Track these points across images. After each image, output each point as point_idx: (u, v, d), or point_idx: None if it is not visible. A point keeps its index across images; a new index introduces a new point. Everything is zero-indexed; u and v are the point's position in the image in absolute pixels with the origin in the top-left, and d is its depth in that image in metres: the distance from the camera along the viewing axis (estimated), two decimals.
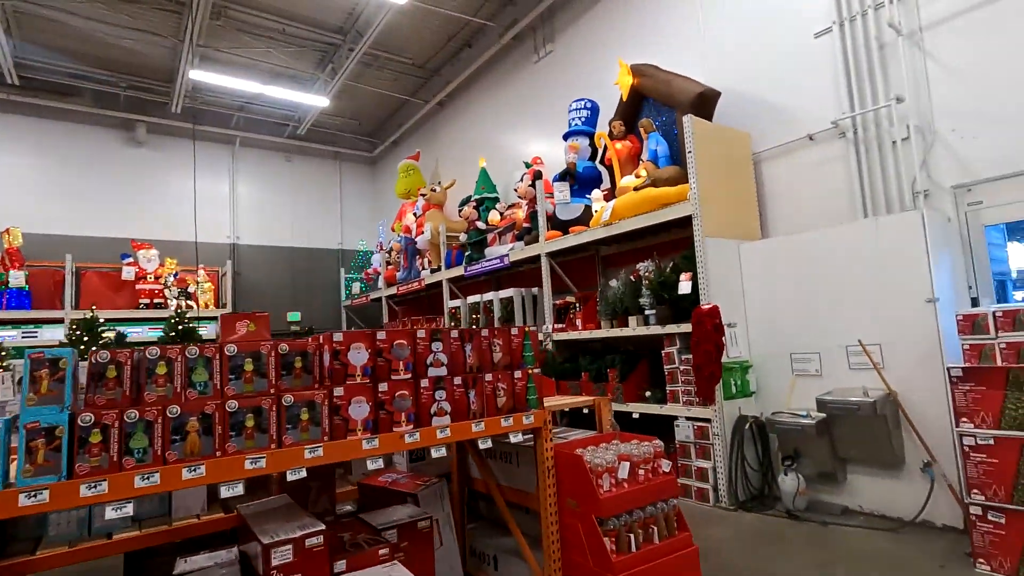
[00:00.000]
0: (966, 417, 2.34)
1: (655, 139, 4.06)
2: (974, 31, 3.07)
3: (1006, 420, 2.24)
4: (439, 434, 1.86)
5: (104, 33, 6.43)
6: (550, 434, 2.14)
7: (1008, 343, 2.30)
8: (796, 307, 3.43)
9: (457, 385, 1.96)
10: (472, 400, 1.98)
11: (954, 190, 3.14)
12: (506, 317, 5.34)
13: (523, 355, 2.16)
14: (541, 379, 2.17)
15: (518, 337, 2.15)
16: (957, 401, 2.37)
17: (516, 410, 2.09)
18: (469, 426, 1.94)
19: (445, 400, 1.91)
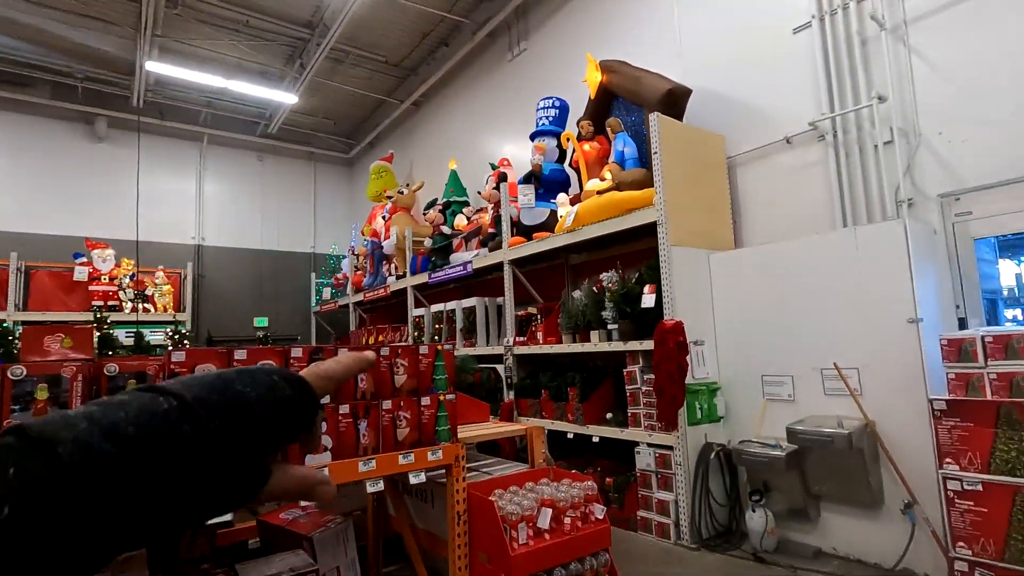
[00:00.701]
0: (951, 458, 2.03)
1: (622, 139, 3.77)
2: (963, 25, 2.79)
3: (996, 463, 1.93)
4: None
5: (57, 21, 6.10)
6: (463, 472, 1.81)
7: (999, 373, 1.99)
8: (768, 324, 3.13)
9: (343, 415, 1.63)
10: (363, 433, 1.65)
11: (940, 199, 2.85)
12: (468, 328, 5.00)
13: (433, 378, 1.83)
14: (456, 406, 1.85)
15: (428, 357, 1.83)
16: (940, 438, 2.06)
17: (421, 444, 1.76)
18: (356, 465, 1.61)
19: (324, 433, 1.58)
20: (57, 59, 6.93)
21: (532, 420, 4.12)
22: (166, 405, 0.36)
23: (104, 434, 0.32)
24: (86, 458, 0.31)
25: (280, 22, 6.53)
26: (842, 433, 2.54)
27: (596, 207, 3.67)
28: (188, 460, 0.35)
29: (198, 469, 0.35)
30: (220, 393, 0.38)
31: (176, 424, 0.35)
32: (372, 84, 7.96)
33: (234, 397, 0.39)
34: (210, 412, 0.37)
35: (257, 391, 0.40)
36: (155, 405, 0.35)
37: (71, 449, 0.31)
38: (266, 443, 0.40)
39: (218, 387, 0.39)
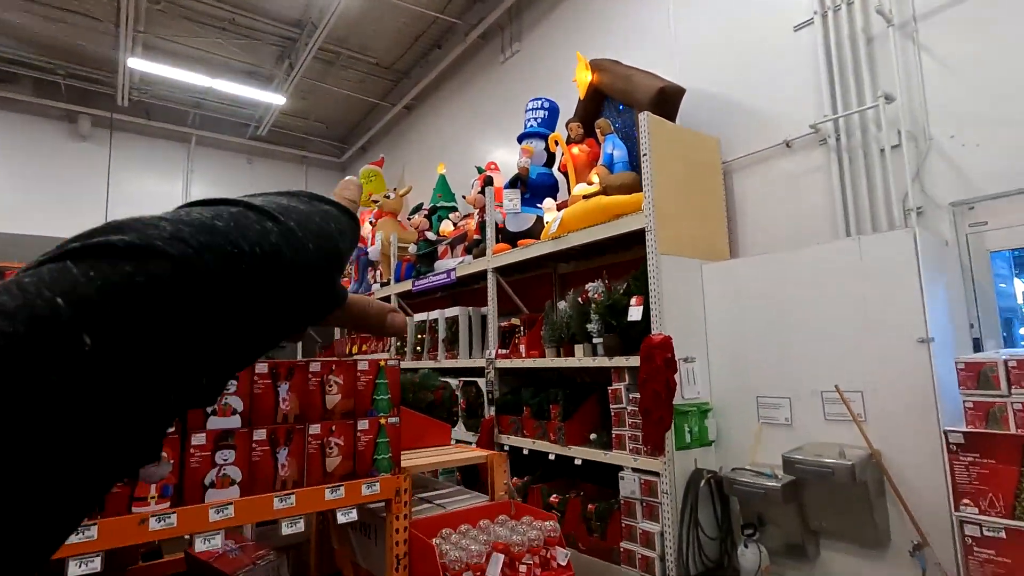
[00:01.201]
0: (968, 499, 1.77)
1: (611, 141, 3.54)
2: (978, 21, 2.57)
3: (1022, 507, 1.68)
4: (214, 515, 1.28)
5: (39, 15, 5.94)
6: (404, 508, 1.56)
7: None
8: (764, 341, 2.88)
9: (259, 442, 1.39)
10: (282, 463, 1.41)
11: (953, 208, 2.61)
12: (451, 339, 4.76)
13: (373, 399, 1.59)
14: (399, 430, 1.60)
15: (368, 374, 1.59)
16: (957, 476, 1.81)
17: (356, 475, 1.52)
18: (270, 501, 1.36)
19: (232, 464, 1.34)
20: (39, 55, 6.76)
21: (513, 439, 3.87)
22: (235, 208, 0.32)
23: (207, 231, 0.29)
24: (215, 256, 0.28)
25: (268, 20, 6.36)
26: (844, 464, 2.29)
27: (582, 212, 3.44)
28: (288, 255, 0.32)
29: (297, 267, 0.33)
30: (277, 204, 0.35)
31: (260, 221, 0.32)
32: (365, 87, 7.79)
33: (292, 205, 0.36)
34: (282, 213, 0.34)
35: (304, 205, 0.37)
36: (224, 209, 0.32)
37: (187, 248, 0.27)
38: (336, 249, 0.37)
39: (272, 200, 0.36)
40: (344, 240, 0.39)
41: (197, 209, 0.31)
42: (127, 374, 0.24)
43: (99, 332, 0.23)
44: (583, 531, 3.27)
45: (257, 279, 0.30)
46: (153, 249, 0.27)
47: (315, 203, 0.39)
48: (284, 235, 0.33)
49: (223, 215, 0.31)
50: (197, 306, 0.27)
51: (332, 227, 0.38)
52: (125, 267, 0.25)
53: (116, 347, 0.24)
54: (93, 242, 0.27)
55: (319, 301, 0.36)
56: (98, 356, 0.23)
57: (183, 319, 0.27)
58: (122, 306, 0.24)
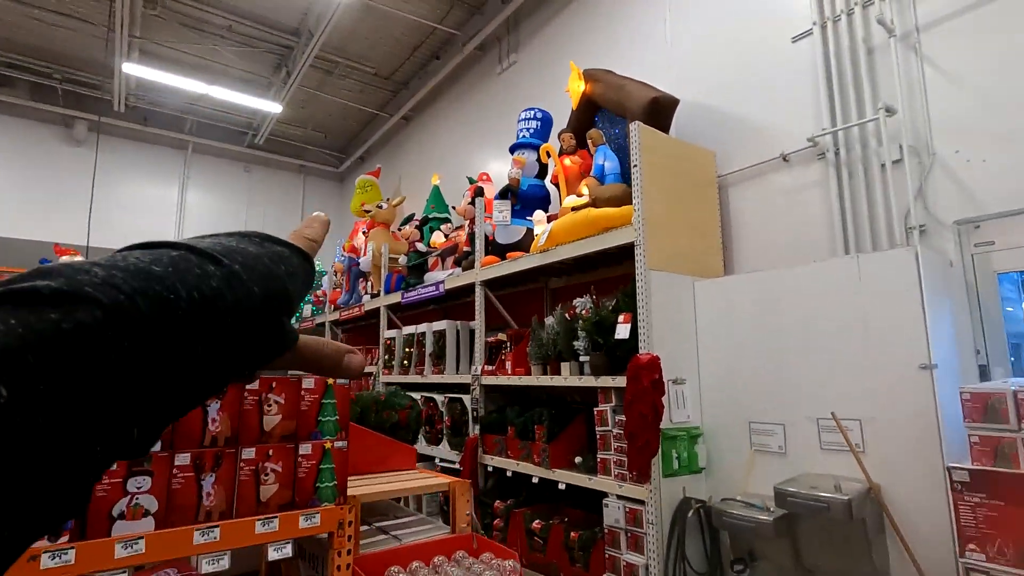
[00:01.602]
0: (975, 543, 1.61)
1: (603, 153, 3.43)
2: (983, 32, 2.45)
3: None
4: (120, 551, 1.14)
5: (36, 19, 5.92)
6: (348, 543, 1.41)
7: None
8: (758, 363, 2.73)
9: (181, 467, 1.25)
10: (206, 491, 1.26)
11: (957, 226, 2.47)
12: (438, 353, 4.62)
13: (318, 420, 1.45)
14: (347, 455, 1.46)
15: (313, 392, 1.45)
16: (962, 518, 1.65)
17: (295, 505, 1.37)
18: (190, 535, 1.22)
19: (147, 493, 1.20)
20: (36, 59, 6.74)
21: (497, 459, 3.71)
22: (175, 252, 0.32)
23: (142, 276, 0.28)
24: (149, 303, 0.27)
25: (266, 28, 6.33)
26: (840, 499, 2.12)
27: (571, 225, 3.32)
28: (230, 300, 0.31)
29: (238, 312, 0.32)
30: (223, 246, 0.35)
31: (200, 264, 0.31)
32: (364, 97, 7.75)
33: (240, 247, 0.36)
34: (226, 256, 0.33)
35: (254, 247, 0.37)
36: (163, 253, 0.31)
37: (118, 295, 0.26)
38: (285, 292, 0.36)
39: (220, 242, 0.36)
40: (294, 282, 0.38)
41: (136, 253, 0.31)
42: (47, 428, 0.23)
43: (18, 384, 0.22)
44: (565, 560, 3.10)
45: (195, 325, 0.29)
46: (81, 295, 0.25)
47: (267, 244, 0.39)
48: (226, 279, 0.32)
49: (162, 259, 0.30)
50: (128, 354, 0.26)
51: (282, 269, 0.37)
52: (50, 314, 0.24)
53: (36, 400, 0.23)
54: (17, 287, 0.25)
55: (265, 345, 0.35)
56: (15, 409, 0.22)
57: (113, 368, 0.26)
58: (45, 355, 0.23)
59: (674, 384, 2.85)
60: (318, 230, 0.47)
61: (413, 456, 2.02)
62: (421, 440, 4.67)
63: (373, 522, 1.80)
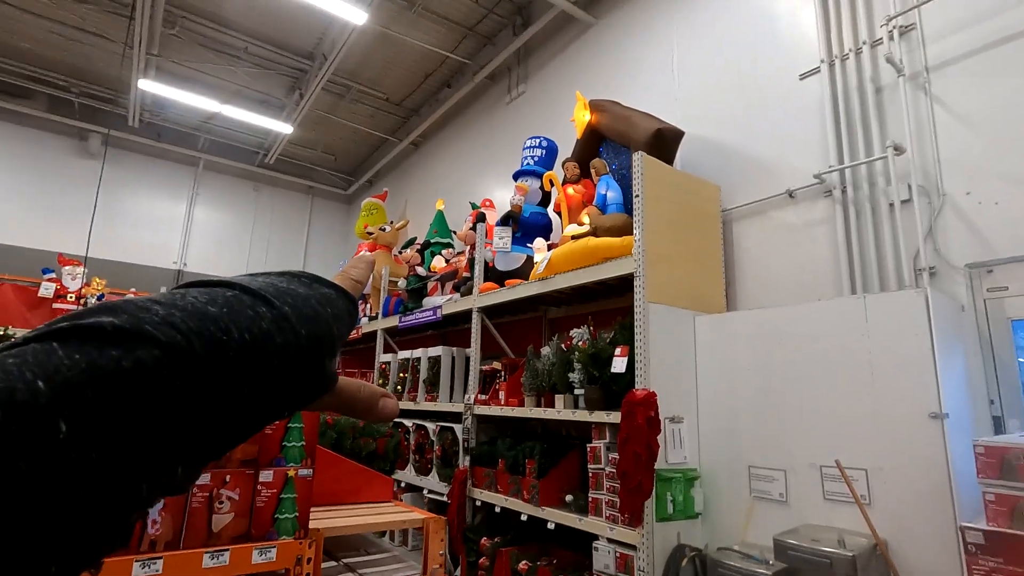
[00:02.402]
0: None
1: (606, 182, 3.39)
2: (994, 73, 2.41)
3: None
4: None
5: (57, 34, 6.06)
6: None
7: None
8: (760, 404, 2.61)
9: None
10: (153, 519, 1.17)
11: (969, 270, 2.38)
12: (432, 380, 4.51)
13: (282, 445, 1.36)
14: (311, 484, 1.36)
15: None
16: None
17: (250, 537, 1.27)
18: (129, 566, 1.12)
19: None
20: (56, 73, 6.88)
21: (486, 494, 3.57)
22: (230, 292, 0.32)
23: (198, 316, 0.29)
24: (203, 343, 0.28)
25: (281, 51, 6.44)
26: (844, 556, 1.98)
27: (570, 254, 3.25)
28: (279, 341, 0.32)
29: (286, 354, 0.32)
30: (275, 287, 0.35)
31: (254, 306, 0.32)
32: (375, 122, 7.83)
33: (290, 289, 0.36)
34: (277, 298, 0.34)
35: (303, 289, 0.37)
36: (219, 292, 0.32)
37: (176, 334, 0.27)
38: (330, 335, 0.37)
39: (271, 282, 0.36)
40: (340, 324, 0.38)
41: (194, 292, 0.32)
42: (100, 464, 0.24)
43: (77, 419, 0.23)
44: None
45: (244, 366, 0.30)
46: (142, 334, 0.26)
47: (315, 286, 0.39)
48: (276, 321, 0.33)
49: (217, 299, 0.31)
50: (181, 394, 0.27)
51: (328, 312, 0.37)
52: (112, 351, 0.25)
53: (92, 435, 0.24)
54: (82, 323, 0.26)
55: (307, 386, 0.36)
56: (72, 444, 0.23)
57: (166, 407, 0.26)
58: (105, 392, 0.24)
59: (671, 422, 2.73)
60: (363, 271, 0.48)
61: (390, 487, 1.91)
62: (410, 469, 4.53)
63: (341, 557, 1.69)
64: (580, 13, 4.82)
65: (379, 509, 1.71)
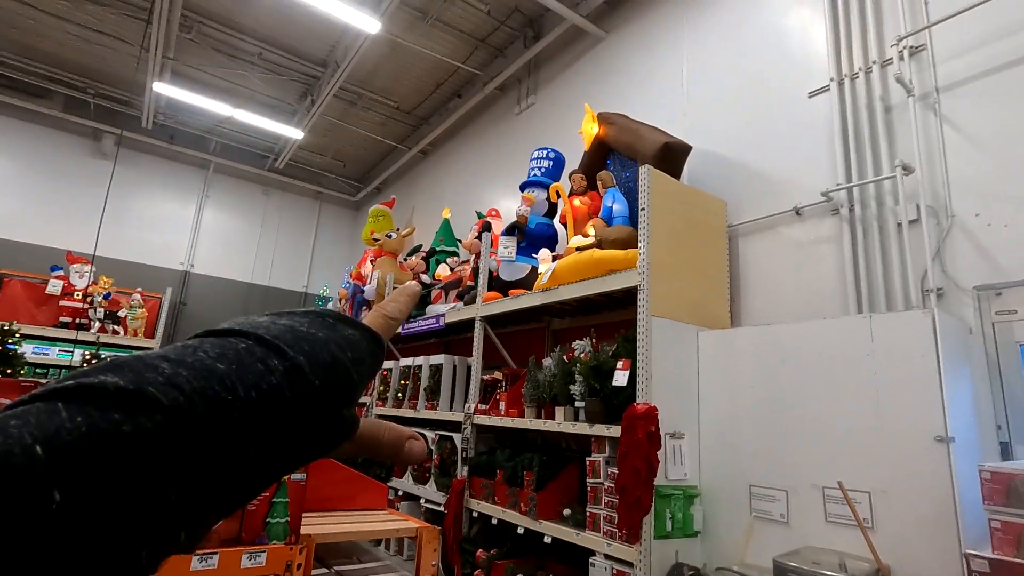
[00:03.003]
0: None
1: (612, 195, 3.39)
2: (1006, 95, 2.40)
3: None
4: None
5: (74, 35, 6.16)
6: None
7: None
8: (761, 422, 2.58)
9: None
10: None
11: (977, 292, 2.35)
12: (433, 388, 4.50)
13: None
14: (303, 489, 1.35)
15: None
16: None
17: (240, 541, 1.25)
18: None
19: None
20: (73, 73, 6.99)
21: (483, 505, 3.53)
22: (243, 344, 0.32)
23: (204, 375, 0.29)
24: (206, 404, 0.28)
25: (295, 58, 6.52)
26: None
27: (574, 265, 3.24)
28: (290, 395, 0.31)
29: (298, 407, 0.32)
30: (294, 333, 0.34)
31: (265, 359, 0.32)
32: (385, 130, 7.89)
33: (308, 334, 0.35)
34: (292, 346, 0.33)
35: (324, 332, 0.36)
36: (231, 344, 0.32)
37: (179, 396, 0.27)
38: (348, 381, 0.36)
39: (292, 327, 0.35)
40: (359, 369, 0.37)
41: (207, 344, 0.31)
42: (94, 533, 0.23)
43: (72, 487, 0.22)
44: None
45: (250, 424, 0.29)
46: (144, 396, 0.26)
47: (339, 327, 0.38)
48: (288, 373, 0.32)
49: (228, 354, 0.31)
50: (183, 458, 0.26)
51: (347, 356, 0.36)
52: (114, 415, 0.25)
53: (88, 503, 0.23)
54: (86, 383, 0.26)
55: (322, 437, 0.35)
56: (65, 513, 0.22)
57: (167, 473, 0.26)
58: (103, 458, 0.23)
59: (672, 438, 2.70)
60: (403, 305, 0.46)
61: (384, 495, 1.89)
62: (408, 478, 4.50)
63: (333, 565, 1.67)
64: (591, 27, 4.85)
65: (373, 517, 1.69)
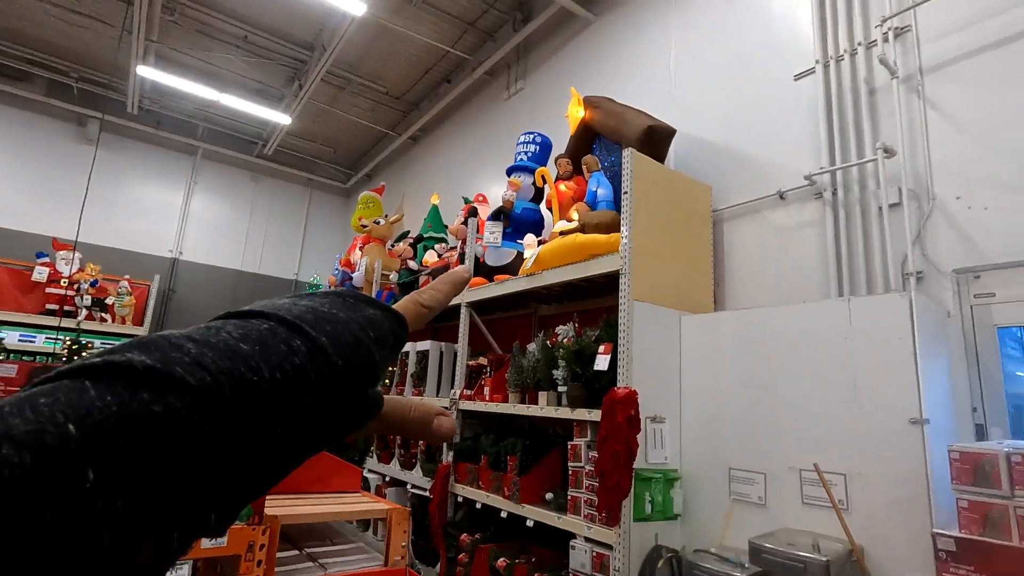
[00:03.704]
0: None
1: (597, 179, 3.36)
2: (989, 77, 2.38)
3: None
4: None
5: (55, 17, 6.04)
6: (258, 569, 1.27)
7: None
8: (741, 405, 2.58)
9: None
10: None
11: (956, 275, 2.35)
12: (419, 374, 4.49)
13: None
14: None
15: None
16: None
17: None
18: None
19: None
20: (55, 57, 6.87)
21: (468, 490, 3.54)
22: (265, 326, 0.32)
23: (229, 355, 0.28)
24: (233, 385, 0.27)
25: (281, 41, 6.42)
26: (817, 560, 1.95)
27: (558, 249, 3.23)
28: (313, 376, 0.31)
29: (322, 387, 0.31)
30: (315, 313, 0.34)
31: (288, 339, 0.31)
32: (375, 116, 7.81)
33: (330, 314, 0.35)
34: (314, 327, 0.33)
35: (345, 312, 0.36)
36: (254, 325, 0.31)
37: (206, 376, 0.27)
38: (370, 362, 0.35)
39: (313, 307, 0.35)
40: (382, 349, 0.37)
41: (230, 326, 0.31)
42: (127, 513, 0.23)
43: (105, 466, 0.22)
44: None
45: (276, 405, 0.29)
46: (172, 377, 0.26)
47: (360, 308, 0.38)
48: (311, 354, 0.32)
49: (251, 335, 0.30)
50: (212, 439, 0.26)
51: (369, 336, 0.36)
52: (143, 394, 0.25)
53: (120, 483, 0.23)
54: (114, 360, 0.26)
55: (347, 417, 0.35)
56: (99, 493, 0.22)
57: (196, 454, 0.26)
58: (135, 438, 0.23)
59: (652, 422, 2.70)
60: (442, 294, 0.45)
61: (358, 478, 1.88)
62: (395, 464, 4.51)
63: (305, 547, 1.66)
64: (580, 10, 4.79)
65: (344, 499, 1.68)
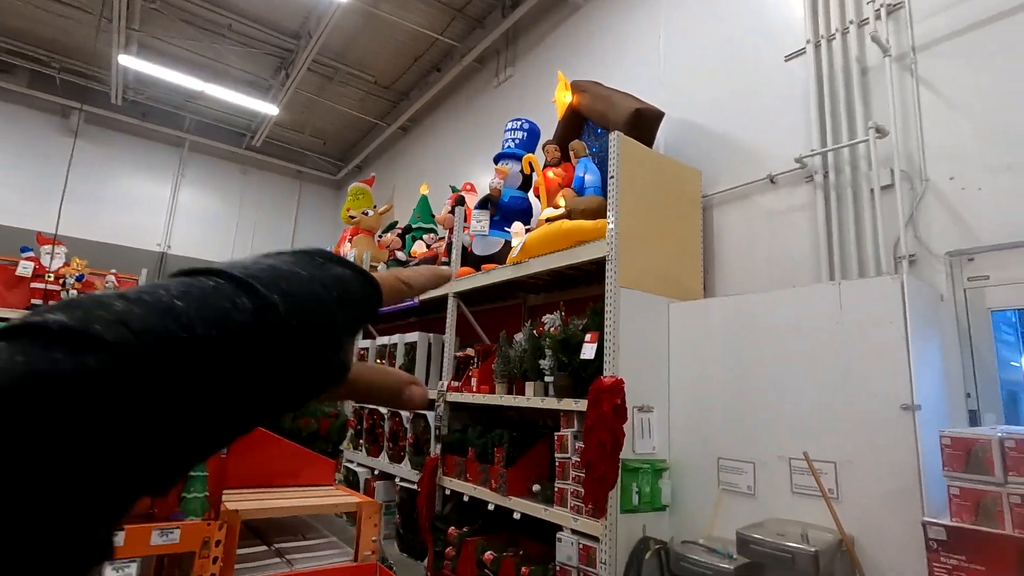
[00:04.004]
0: None
1: (584, 165, 3.29)
2: (983, 54, 2.31)
3: None
4: None
5: (34, 5, 5.91)
6: (213, 566, 1.21)
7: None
8: (731, 394, 2.52)
9: None
10: None
11: (949, 258, 2.29)
12: (408, 366, 4.43)
13: None
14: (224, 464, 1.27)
15: None
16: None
17: (152, 517, 1.18)
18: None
19: None
20: (36, 47, 6.73)
21: (456, 482, 3.49)
22: (211, 283, 0.29)
23: (159, 312, 0.26)
24: (157, 342, 0.25)
25: (267, 30, 6.30)
26: (806, 551, 1.90)
27: (545, 236, 3.15)
28: (259, 334, 0.29)
29: (269, 347, 0.29)
30: (273, 271, 0.32)
31: (234, 297, 0.29)
32: (365, 106, 7.70)
33: (291, 272, 0.32)
34: (268, 285, 0.30)
35: (308, 270, 0.33)
36: (199, 283, 0.29)
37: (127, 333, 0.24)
38: (331, 323, 0.33)
39: (272, 265, 0.32)
40: (346, 311, 0.34)
41: (174, 282, 0.29)
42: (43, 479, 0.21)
43: (6, 430, 0.20)
44: None
45: (211, 365, 0.27)
46: (87, 334, 0.24)
47: (327, 266, 0.35)
48: (258, 312, 0.29)
49: (192, 292, 0.28)
50: (134, 399, 0.24)
51: (332, 295, 0.33)
52: (55, 354, 0.23)
53: (25, 450, 0.21)
54: (32, 320, 0.24)
55: (304, 380, 0.32)
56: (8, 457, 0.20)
57: (116, 414, 0.23)
58: (42, 398, 0.21)
59: (640, 412, 2.64)
60: (422, 277, 0.44)
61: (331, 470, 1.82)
62: (384, 457, 4.45)
63: (274, 542, 1.60)
64: None
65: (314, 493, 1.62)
